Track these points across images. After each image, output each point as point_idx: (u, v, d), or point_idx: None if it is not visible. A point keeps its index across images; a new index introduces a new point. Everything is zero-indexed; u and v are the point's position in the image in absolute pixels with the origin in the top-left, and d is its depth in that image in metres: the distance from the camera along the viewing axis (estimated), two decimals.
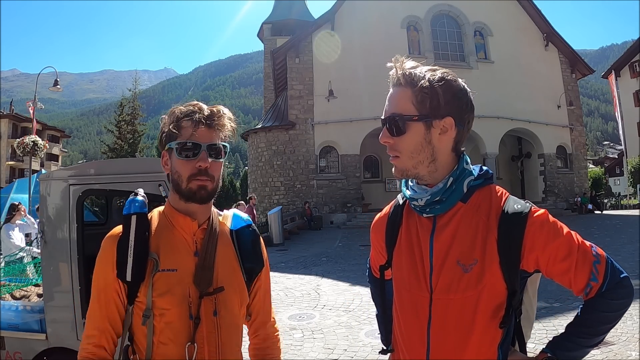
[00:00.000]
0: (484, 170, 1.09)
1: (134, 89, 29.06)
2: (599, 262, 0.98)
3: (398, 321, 1.14)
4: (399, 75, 1.04)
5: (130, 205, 1.14)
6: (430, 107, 1.01)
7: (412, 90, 1.01)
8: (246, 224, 1.26)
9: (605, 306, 0.98)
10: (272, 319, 1.34)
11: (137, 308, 1.09)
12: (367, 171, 22.21)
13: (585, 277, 0.98)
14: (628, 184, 30.70)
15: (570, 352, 0.99)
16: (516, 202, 1.03)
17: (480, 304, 0.99)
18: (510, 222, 0.99)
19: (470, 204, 1.05)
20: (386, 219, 1.21)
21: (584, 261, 0.98)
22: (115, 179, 2.99)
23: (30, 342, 3.06)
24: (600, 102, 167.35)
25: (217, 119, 1.13)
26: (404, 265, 1.11)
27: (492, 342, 1.00)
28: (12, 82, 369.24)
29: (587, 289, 0.98)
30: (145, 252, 1.09)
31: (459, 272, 1.00)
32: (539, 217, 1.00)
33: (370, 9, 19.61)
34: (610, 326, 1.00)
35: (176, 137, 1.11)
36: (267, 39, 30.34)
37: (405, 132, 1.02)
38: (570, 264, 0.98)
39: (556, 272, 0.99)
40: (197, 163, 1.09)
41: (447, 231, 1.04)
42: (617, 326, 4.67)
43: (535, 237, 0.98)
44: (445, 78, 1.01)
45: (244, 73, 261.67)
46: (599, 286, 0.97)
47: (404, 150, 1.04)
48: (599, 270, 0.98)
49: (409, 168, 1.05)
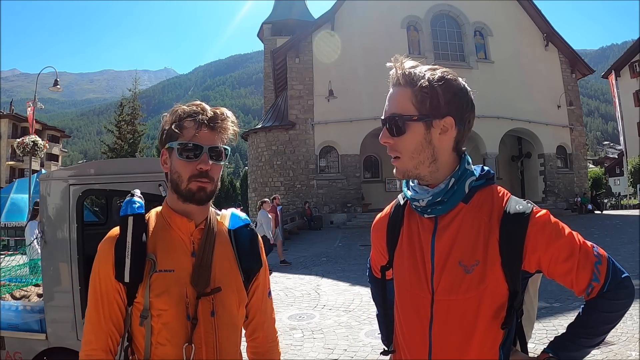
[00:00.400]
0: (485, 171, 1.08)
1: (134, 89, 29.04)
2: (600, 262, 0.98)
3: (399, 322, 1.14)
4: (398, 75, 1.03)
5: (127, 206, 1.14)
6: (430, 106, 1.00)
7: (412, 90, 1.01)
8: (244, 223, 1.26)
9: (607, 306, 0.98)
10: (272, 318, 1.33)
11: (135, 309, 1.09)
12: (367, 171, 22.21)
13: (586, 278, 0.98)
14: (628, 184, 30.70)
15: (572, 352, 0.99)
16: (518, 202, 1.03)
17: (482, 305, 0.98)
18: (512, 222, 0.99)
19: (472, 205, 1.04)
20: (387, 219, 1.21)
21: (585, 262, 0.98)
22: (115, 179, 2.99)
23: (30, 342, 3.06)
24: (600, 102, 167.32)
25: (220, 121, 1.12)
26: (405, 266, 1.10)
27: (493, 343, 1.00)
28: (12, 82, 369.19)
29: (588, 290, 0.98)
30: (142, 253, 1.08)
31: (461, 273, 1.00)
32: (540, 218, 1.00)
33: (370, 9, 19.61)
34: (611, 326, 1.00)
35: (177, 137, 1.10)
36: (267, 39, 30.33)
37: (405, 132, 1.02)
38: (572, 264, 0.98)
39: (558, 272, 0.99)
40: (198, 165, 1.09)
41: (449, 232, 1.03)
42: (617, 326, 4.66)
43: (537, 238, 0.98)
44: (445, 77, 1.01)
45: (244, 73, 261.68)
46: (600, 287, 0.97)
47: (404, 150, 1.03)
48: (600, 271, 0.98)
49: (410, 169, 1.05)
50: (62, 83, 15.84)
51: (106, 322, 1.09)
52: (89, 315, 1.11)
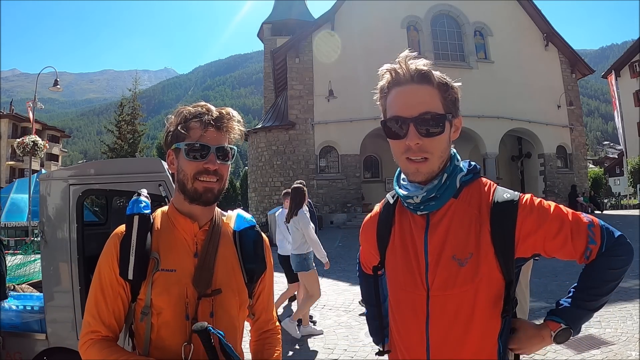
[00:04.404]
0: (472, 166, 1.10)
1: (134, 89, 29.01)
2: (593, 225, 1.00)
3: (395, 321, 1.13)
4: (411, 72, 1.00)
5: (133, 205, 1.16)
6: (452, 105, 1.03)
7: (436, 88, 1.01)
8: (249, 225, 1.26)
9: (608, 263, 0.99)
10: (274, 317, 1.35)
11: (137, 305, 1.11)
12: (367, 171, 22.20)
13: (583, 242, 0.99)
14: (628, 184, 30.68)
15: (581, 319, 1.01)
16: (504, 191, 1.05)
17: (479, 297, 0.99)
18: (501, 212, 1.01)
19: (461, 199, 1.05)
20: (376, 219, 1.21)
21: (578, 228, 0.99)
22: (115, 179, 2.99)
23: (30, 342, 3.06)
24: (600, 102, 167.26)
25: (226, 121, 1.14)
26: (398, 265, 1.10)
27: (492, 334, 1.01)
28: (12, 82, 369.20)
29: (587, 253, 1.00)
30: (147, 252, 1.10)
31: (455, 267, 1.00)
32: (527, 203, 1.02)
33: (370, 8, 19.60)
34: (615, 283, 1.01)
35: (184, 138, 1.11)
36: (267, 39, 30.30)
37: (443, 131, 1.01)
38: (565, 235, 0.99)
39: (554, 247, 1.00)
40: (206, 165, 1.10)
41: (441, 227, 1.04)
42: (617, 326, 4.66)
43: (527, 222, 1.00)
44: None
45: (244, 73, 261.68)
46: (598, 247, 0.99)
47: (436, 150, 1.01)
48: (595, 233, 0.99)
49: (435, 169, 1.03)
50: (62, 83, 15.83)
51: (108, 315, 1.10)
52: (90, 302, 1.12)
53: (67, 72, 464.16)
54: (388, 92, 1.04)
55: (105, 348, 1.06)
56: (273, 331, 1.33)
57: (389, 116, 1.03)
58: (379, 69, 1.06)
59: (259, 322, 1.30)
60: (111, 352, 1.05)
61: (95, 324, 1.09)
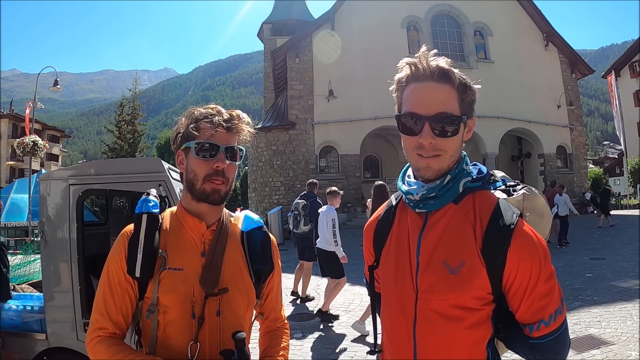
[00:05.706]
0: (483, 174, 1.07)
1: (134, 89, 29.05)
2: (561, 311, 0.98)
3: (384, 322, 1.13)
4: (432, 69, 0.98)
5: (142, 204, 1.18)
6: (469, 107, 1.02)
7: (455, 88, 0.99)
8: (257, 225, 1.28)
9: (546, 353, 0.97)
10: (283, 316, 1.38)
11: (144, 303, 1.12)
12: (367, 171, 22.22)
13: (551, 310, 0.95)
14: (628, 184, 30.67)
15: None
16: (505, 213, 0.99)
17: (467, 306, 0.97)
18: (495, 237, 0.96)
19: (461, 207, 1.03)
20: (377, 220, 1.21)
21: (559, 296, 0.97)
22: (115, 179, 2.99)
23: (30, 342, 3.05)
24: (600, 102, 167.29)
25: (236, 122, 1.16)
26: (391, 264, 1.10)
27: (480, 341, 0.99)
28: (12, 82, 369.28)
29: (547, 321, 0.95)
30: (154, 250, 1.11)
31: (445, 272, 0.98)
32: (523, 235, 0.96)
33: (370, 8, 19.60)
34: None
35: (194, 137, 1.13)
36: (267, 39, 30.30)
37: (458, 132, 1.00)
38: (552, 288, 0.96)
39: (537, 291, 0.95)
40: (215, 164, 1.12)
41: (435, 230, 1.03)
42: (617, 326, 4.67)
43: (518, 254, 0.95)
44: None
45: (244, 73, 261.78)
46: (552, 330, 0.95)
47: (449, 149, 1.00)
48: (562, 312, 0.97)
49: (445, 167, 1.02)
50: (62, 83, 15.84)
51: (116, 312, 1.11)
52: (99, 300, 1.13)
53: (67, 72, 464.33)
54: (405, 86, 1.02)
55: (113, 346, 1.07)
56: (282, 328, 1.35)
57: (404, 111, 1.01)
58: (378, 69, 1.05)
59: (267, 321, 1.33)
60: (118, 349, 1.06)
61: (103, 320, 1.10)
